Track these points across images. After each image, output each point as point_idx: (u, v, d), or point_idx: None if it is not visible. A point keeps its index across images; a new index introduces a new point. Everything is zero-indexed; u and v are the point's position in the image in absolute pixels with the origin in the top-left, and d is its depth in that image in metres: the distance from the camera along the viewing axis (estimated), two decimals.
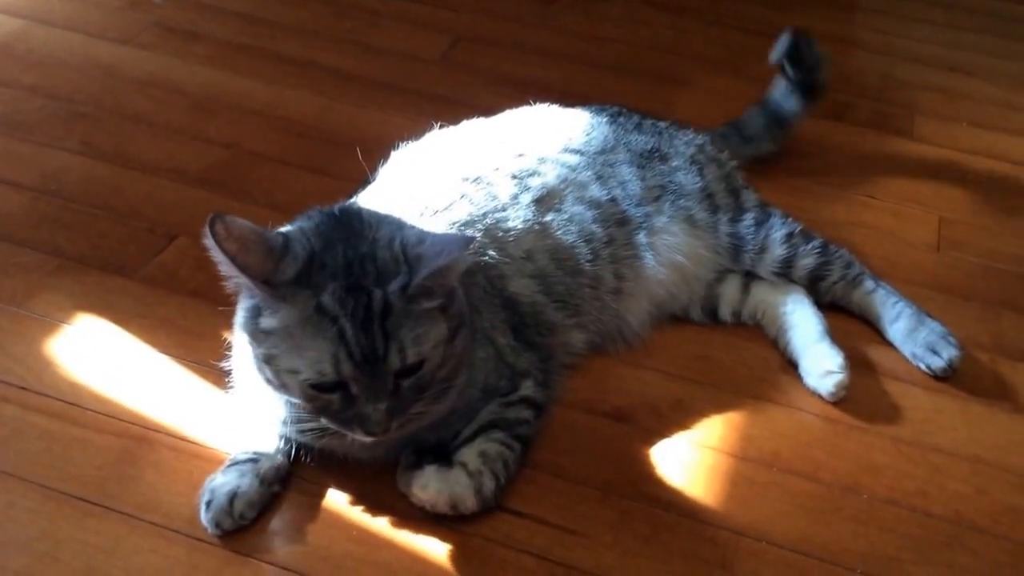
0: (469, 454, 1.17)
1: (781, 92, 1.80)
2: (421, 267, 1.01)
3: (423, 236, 1.05)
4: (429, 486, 1.14)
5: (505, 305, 1.27)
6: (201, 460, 1.21)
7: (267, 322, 1.02)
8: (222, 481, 1.14)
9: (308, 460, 1.18)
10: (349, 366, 1.00)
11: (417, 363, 1.03)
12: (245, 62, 2.06)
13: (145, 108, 1.88)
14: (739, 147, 1.70)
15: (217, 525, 1.12)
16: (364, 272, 1.02)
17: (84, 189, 1.66)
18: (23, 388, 1.29)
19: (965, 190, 1.88)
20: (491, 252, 1.26)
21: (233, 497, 1.12)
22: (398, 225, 1.08)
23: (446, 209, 1.28)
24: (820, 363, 1.37)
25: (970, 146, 2.02)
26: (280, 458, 1.18)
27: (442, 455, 1.18)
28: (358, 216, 1.09)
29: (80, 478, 1.18)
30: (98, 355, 1.35)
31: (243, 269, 0.99)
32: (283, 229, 1.09)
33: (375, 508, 1.17)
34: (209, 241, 0.98)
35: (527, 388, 1.24)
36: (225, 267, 1.00)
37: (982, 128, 2.08)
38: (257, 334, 1.04)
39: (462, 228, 1.26)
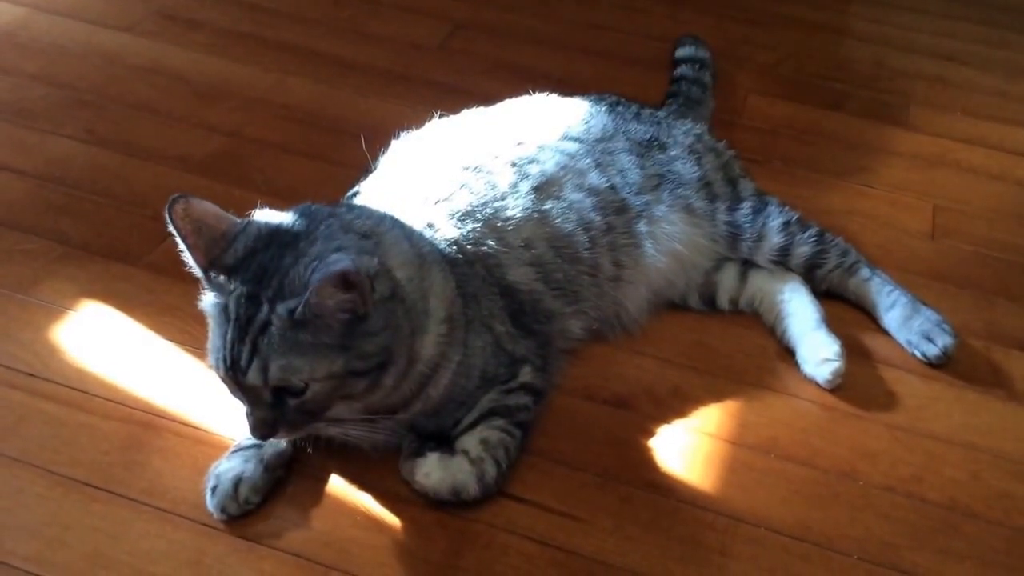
0: (470, 441, 1.18)
1: None
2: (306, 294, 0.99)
3: (324, 262, 1.00)
4: (432, 474, 1.16)
5: (504, 293, 1.27)
6: (206, 446, 1.22)
7: (203, 301, 1.07)
8: (227, 467, 1.16)
9: (310, 448, 1.19)
10: (222, 369, 1.04)
11: (290, 387, 1.03)
12: (246, 50, 2.06)
13: (147, 96, 1.89)
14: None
15: (223, 510, 1.13)
16: (269, 284, 1.02)
17: (88, 177, 1.66)
18: (30, 375, 1.30)
19: (960, 179, 1.90)
20: (490, 241, 1.27)
21: (238, 482, 1.14)
22: (336, 244, 1.04)
23: (447, 199, 1.29)
24: (817, 351, 1.39)
25: (964, 135, 2.03)
26: (283, 444, 1.19)
27: (444, 441, 1.20)
28: (315, 222, 1.08)
29: (87, 464, 1.19)
30: (104, 342, 1.36)
31: (191, 250, 1.04)
32: (254, 216, 1.11)
33: (379, 494, 1.19)
34: (167, 219, 1.03)
35: (526, 374, 1.25)
36: (181, 245, 1.04)
37: (976, 117, 2.09)
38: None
39: (462, 217, 1.27)
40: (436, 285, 1.15)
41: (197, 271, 1.06)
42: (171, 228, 1.03)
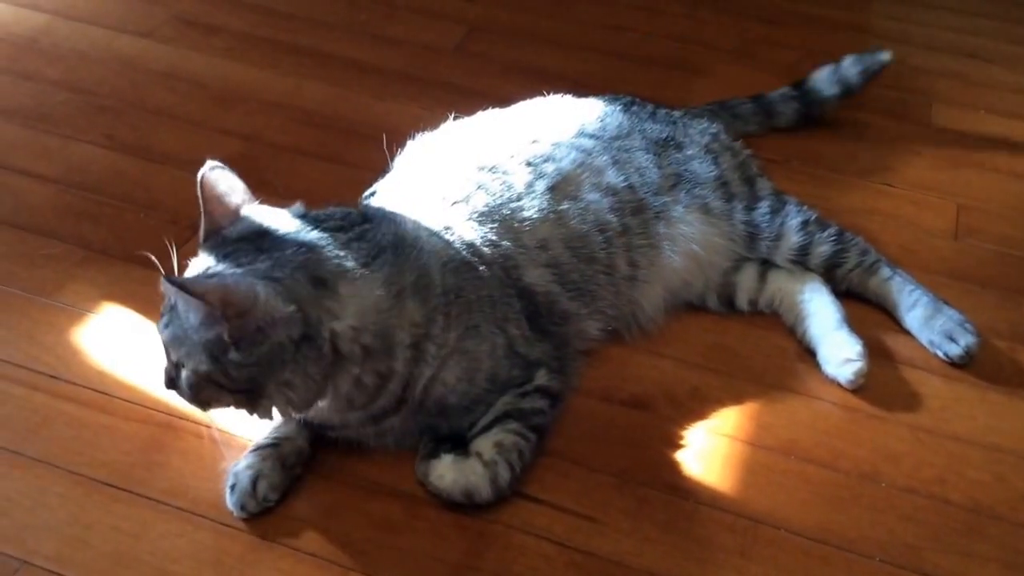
0: (484, 444, 1.18)
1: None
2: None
3: (246, 278, 1.03)
4: (445, 475, 1.16)
5: (520, 295, 1.27)
6: (225, 446, 1.23)
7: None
8: (245, 465, 1.17)
9: (318, 445, 1.20)
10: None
11: (178, 363, 1.08)
12: (263, 54, 2.07)
13: (166, 100, 1.90)
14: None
15: (242, 508, 1.15)
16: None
17: (108, 181, 1.68)
18: (52, 377, 1.31)
19: (983, 178, 1.88)
20: (506, 243, 1.27)
21: (256, 480, 1.15)
22: (276, 275, 1.04)
23: (463, 200, 1.28)
24: (839, 351, 1.37)
25: (988, 133, 2.00)
26: (300, 442, 1.20)
27: (460, 443, 1.20)
28: (295, 247, 1.09)
29: (108, 464, 1.20)
30: (124, 344, 1.37)
31: (204, 215, 1.12)
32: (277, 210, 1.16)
33: (396, 494, 1.19)
34: (198, 179, 1.11)
35: (542, 377, 1.25)
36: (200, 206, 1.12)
37: (1000, 115, 2.07)
38: None
39: (479, 219, 1.27)
40: (407, 316, 1.12)
41: (200, 234, 1.12)
42: (198, 188, 1.11)
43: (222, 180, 1.12)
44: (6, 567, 1.09)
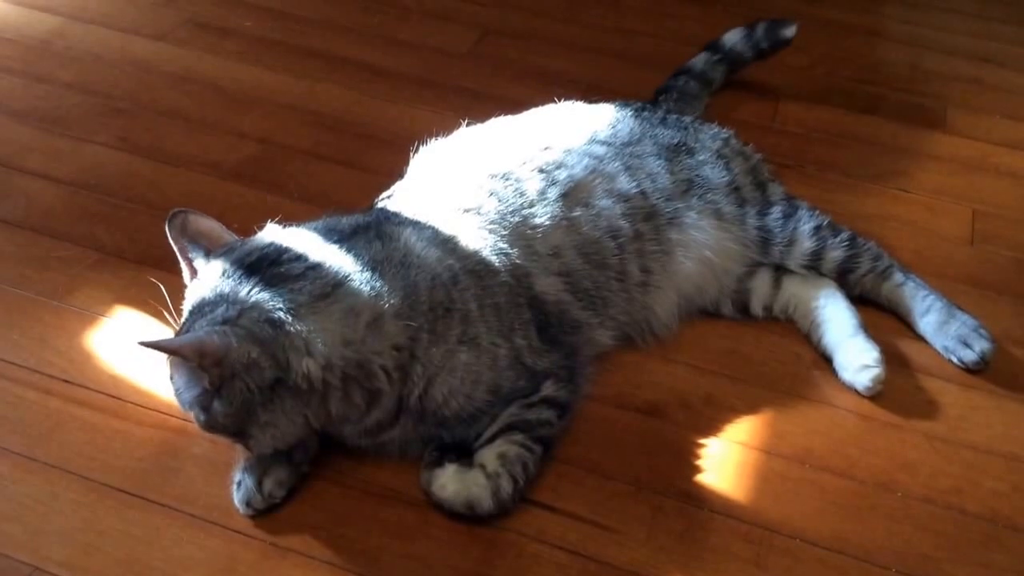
0: (488, 456, 1.17)
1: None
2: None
3: (195, 328, 1.08)
4: (448, 486, 1.15)
5: (530, 304, 1.26)
6: (239, 452, 1.22)
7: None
8: (252, 462, 1.17)
9: (331, 450, 1.20)
10: None
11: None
12: (276, 58, 2.08)
13: (180, 103, 1.90)
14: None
15: (248, 504, 1.15)
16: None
17: (122, 183, 1.68)
18: (66, 381, 1.31)
19: (999, 183, 1.86)
20: (518, 250, 1.26)
21: (262, 477, 1.15)
22: (255, 303, 1.07)
23: (475, 208, 1.28)
24: (856, 357, 1.36)
25: (1004, 138, 1.99)
26: (307, 439, 1.19)
27: (465, 451, 1.19)
28: (286, 255, 1.12)
29: (121, 470, 1.20)
30: (138, 348, 1.36)
31: (182, 262, 1.17)
32: (261, 234, 1.18)
33: (410, 501, 1.19)
34: (167, 231, 1.16)
35: (549, 388, 1.24)
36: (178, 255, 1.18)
37: (1016, 120, 2.06)
38: None
39: (491, 227, 1.26)
40: (388, 341, 1.11)
41: (186, 279, 1.15)
42: (169, 239, 1.15)
43: (190, 225, 1.16)
44: (18, 572, 1.09)
